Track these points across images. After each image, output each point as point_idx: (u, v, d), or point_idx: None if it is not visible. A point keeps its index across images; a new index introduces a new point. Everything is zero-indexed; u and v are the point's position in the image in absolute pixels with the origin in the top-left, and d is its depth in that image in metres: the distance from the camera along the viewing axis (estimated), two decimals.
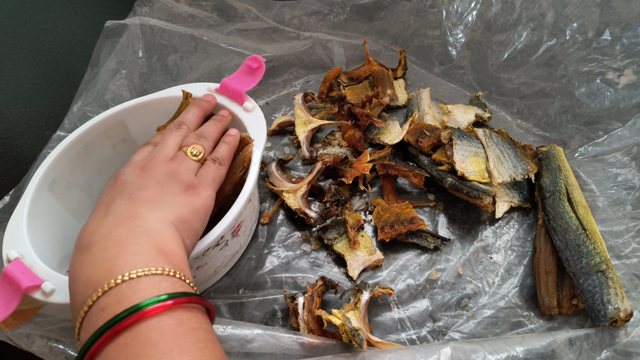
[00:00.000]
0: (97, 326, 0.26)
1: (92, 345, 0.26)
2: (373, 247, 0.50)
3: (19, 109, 0.58)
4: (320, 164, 0.55)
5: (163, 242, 0.32)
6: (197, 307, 0.29)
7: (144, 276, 0.28)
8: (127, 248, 0.29)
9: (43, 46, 0.60)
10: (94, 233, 0.31)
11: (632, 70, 0.55)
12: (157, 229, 0.32)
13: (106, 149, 0.51)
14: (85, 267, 0.29)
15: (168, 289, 0.28)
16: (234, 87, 0.49)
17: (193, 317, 0.28)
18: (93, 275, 0.28)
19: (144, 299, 0.26)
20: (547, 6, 0.60)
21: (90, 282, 0.28)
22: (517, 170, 0.53)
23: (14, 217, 0.41)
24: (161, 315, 0.26)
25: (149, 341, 0.25)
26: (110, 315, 0.26)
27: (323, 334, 0.43)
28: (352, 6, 0.74)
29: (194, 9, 0.73)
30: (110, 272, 0.28)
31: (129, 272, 0.28)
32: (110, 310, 0.26)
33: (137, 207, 0.33)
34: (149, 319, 0.26)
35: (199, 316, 0.28)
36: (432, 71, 0.72)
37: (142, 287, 0.27)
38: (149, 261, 0.29)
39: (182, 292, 0.28)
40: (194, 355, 0.26)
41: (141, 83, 0.66)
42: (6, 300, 0.36)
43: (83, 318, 0.27)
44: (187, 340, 0.26)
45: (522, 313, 0.46)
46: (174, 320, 0.27)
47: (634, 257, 0.47)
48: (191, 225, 0.36)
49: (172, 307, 0.27)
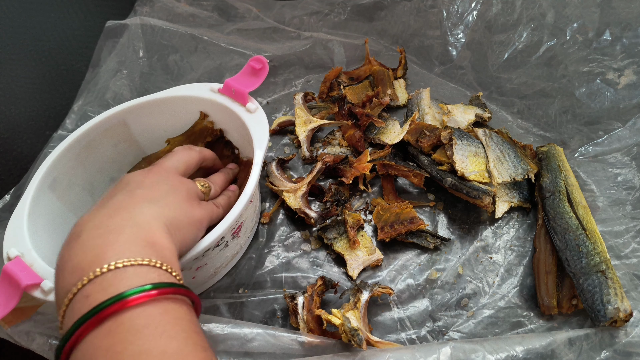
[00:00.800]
0: (81, 313, 0.26)
1: (75, 332, 0.25)
2: (373, 246, 0.50)
3: (19, 109, 0.58)
4: (320, 163, 0.55)
5: (153, 235, 0.32)
6: (182, 299, 0.29)
7: (130, 266, 0.28)
8: (115, 238, 0.29)
9: (43, 46, 0.60)
10: (86, 222, 0.31)
11: (632, 70, 0.55)
12: (149, 223, 0.32)
13: (108, 148, 0.52)
14: (73, 254, 0.29)
15: (154, 279, 0.28)
16: (237, 87, 0.49)
17: (178, 308, 0.28)
18: (79, 263, 0.28)
19: (129, 288, 0.26)
20: (548, 6, 0.60)
21: (76, 269, 0.28)
22: (517, 170, 0.53)
23: (14, 216, 0.42)
24: (146, 305, 0.26)
25: (133, 328, 0.25)
26: (94, 303, 0.26)
27: (323, 334, 0.43)
28: (352, 6, 0.74)
29: (194, 9, 0.73)
30: (97, 260, 0.28)
31: (115, 261, 0.28)
32: (94, 297, 0.26)
33: (134, 202, 0.34)
34: (133, 308, 0.26)
35: (184, 307, 0.29)
36: (433, 71, 0.72)
37: (127, 276, 0.27)
38: (137, 252, 0.29)
39: (167, 282, 0.28)
40: (178, 343, 0.26)
41: (142, 83, 0.66)
42: (6, 298, 0.36)
43: (67, 305, 0.27)
44: (173, 329, 0.26)
45: (522, 313, 0.46)
46: (159, 309, 0.27)
47: (634, 257, 0.47)
48: (184, 234, 0.36)
49: (156, 297, 0.27)
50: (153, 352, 0.25)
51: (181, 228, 0.36)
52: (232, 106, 0.50)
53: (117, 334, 0.25)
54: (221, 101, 0.50)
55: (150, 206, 0.34)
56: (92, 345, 0.25)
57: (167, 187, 0.37)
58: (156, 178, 0.38)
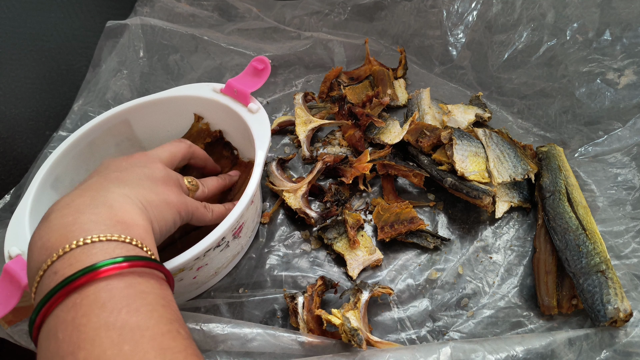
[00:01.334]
0: (49, 288, 0.26)
1: (44, 307, 0.26)
2: (373, 246, 0.50)
3: (19, 109, 0.58)
4: (320, 163, 0.55)
5: (124, 213, 0.31)
6: (152, 273, 0.29)
7: (98, 242, 0.28)
8: (84, 216, 0.29)
9: (43, 46, 0.60)
10: (57, 204, 0.31)
11: (633, 70, 0.55)
12: (119, 202, 0.32)
13: (110, 148, 0.52)
14: (43, 233, 0.29)
15: (122, 253, 0.28)
16: (239, 88, 0.49)
17: (145, 282, 0.28)
18: (48, 241, 0.28)
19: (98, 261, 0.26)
20: (548, 6, 0.60)
21: (45, 247, 0.28)
22: (517, 170, 0.53)
23: (16, 214, 0.42)
24: (111, 278, 0.26)
25: (97, 301, 0.25)
26: (61, 278, 0.26)
27: (322, 334, 0.43)
28: (352, 6, 0.74)
29: (194, 9, 0.73)
30: (65, 238, 0.28)
31: (83, 237, 0.28)
32: (62, 272, 0.26)
33: (106, 183, 0.33)
34: (98, 281, 0.26)
35: (152, 282, 0.28)
36: (433, 71, 0.72)
37: (95, 252, 0.27)
38: (105, 229, 0.29)
39: (137, 255, 0.28)
40: (142, 316, 0.26)
41: (142, 83, 0.66)
42: (6, 297, 0.36)
43: (38, 282, 0.27)
44: (136, 302, 0.26)
45: (521, 313, 0.46)
46: (124, 283, 0.27)
47: (634, 257, 0.47)
48: (161, 212, 0.35)
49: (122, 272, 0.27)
50: (115, 325, 0.25)
51: (157, 206, 0.35)
52: (234, 106, 0.50)
53: (81, 307, 0.25)
54: (223, 101, 0.50)
55: (121, 186, 0.34)
56: (57, 319, 0.25)
57: (144, 170, 0.37)
58: (134, 161, 0.38)
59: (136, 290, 0.27)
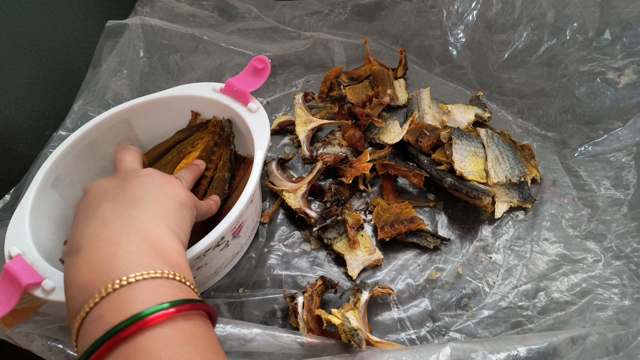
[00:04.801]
0: (96, 335, 0.25)
1: (92, 355, 0.24)
2: (373, 246, 0.50)
3: (19, 108, 0.58)
4: (320, 163, 0.55)
5: (157, 239, 0.30)
6: (199, 313, 0.28)
7: (142, 280, 0.26)
8: (121, 247, 0.28)
9: (43, 46, 0.60)
10: (83, 236, 0.29)
11: (633, 69, 0.55)
12: (148, 226, 0.30)
13: (110, 147, 0.52)
14: (79, 270, 0.27)
15: (168, 295, 0.26)
16: (239, 87, 0.49)
17: (195, 326, 0.26)
18: (87, 280, 0.27)
19: (144, 307, 0.25)
20: (548, 6, 0.60)
21: (84, 287, 0.26)
22: (513, 172, 0.53)
23: (16, 214, 0.41)
24: (162, 325, 0.25)
25: (150, 354, 0.24)
26: (109, 325, 0.25)
27: (322, 334, 0.43)
28: (352, 6, 0.74)
29: (195, 9, 0.73)
30: (106, 275, 0.26)
31: (126, 275, 0.26)
32: (108, 318, 0.25)
33: (122, 207, 0.31)
34: (149, 329, 0.25)
35: (201, 323, 0.27)
36: (433, 71, 0.72)
37: (141, 292, 0.26)
38: (147, 262, 0.27)
39: (184, 299, 0.27)
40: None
41: (142, 82, 0.66)
42: (6, 297, 0.36)
43: (80, 324, 0.26)
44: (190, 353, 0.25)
45: (521, 313, 0.46)
46: (174, 330, 0.25)
47: (634, 257, 0.47)
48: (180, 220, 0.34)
49: (173, 316, 0.25)
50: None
51: (174, 214, 0.34)
52: (233, 106, 0.50)
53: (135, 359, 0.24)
54: (223, 101, 0.50)
55: (140, 207, 0.32)
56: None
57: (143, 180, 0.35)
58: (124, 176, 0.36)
59: (188, 336, 0.26)
